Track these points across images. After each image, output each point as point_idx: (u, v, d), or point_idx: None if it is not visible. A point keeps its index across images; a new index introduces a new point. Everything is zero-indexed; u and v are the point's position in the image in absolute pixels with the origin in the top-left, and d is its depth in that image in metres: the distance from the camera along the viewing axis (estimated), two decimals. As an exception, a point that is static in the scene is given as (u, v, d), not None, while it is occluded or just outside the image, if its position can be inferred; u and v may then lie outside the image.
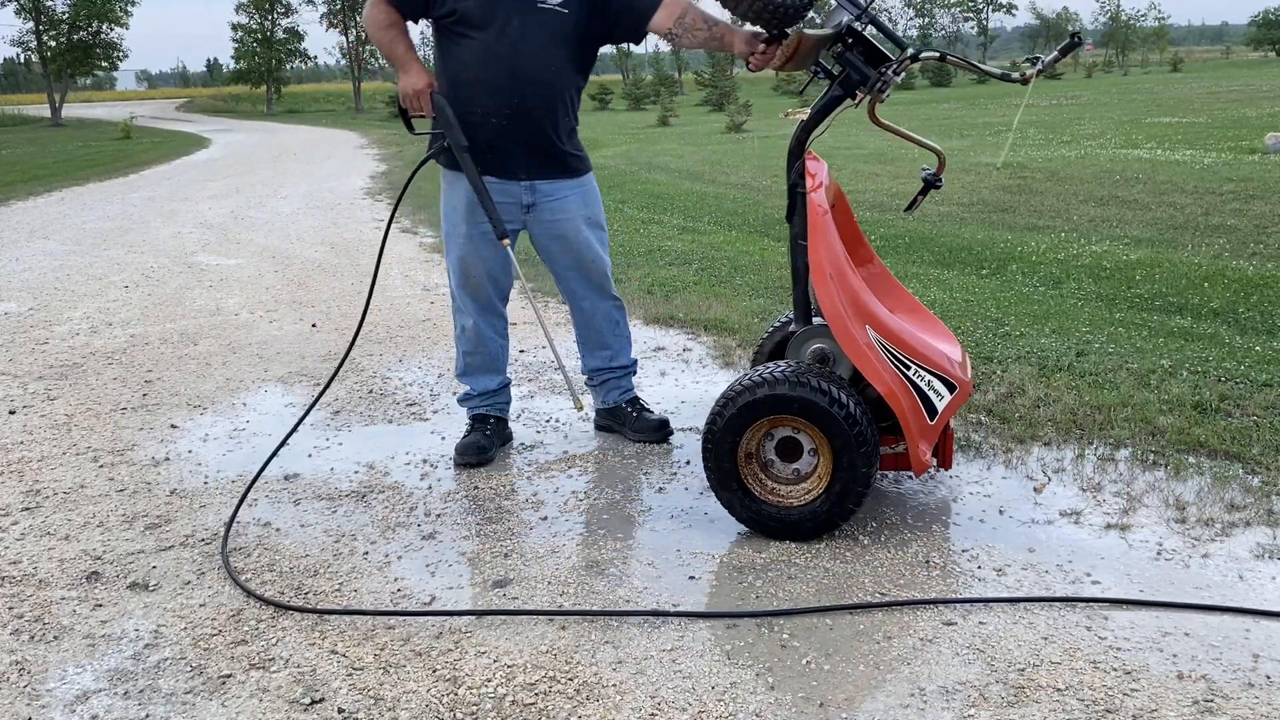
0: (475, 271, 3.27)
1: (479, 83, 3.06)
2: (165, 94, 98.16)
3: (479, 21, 3.02)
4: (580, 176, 3.30)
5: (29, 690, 2.15)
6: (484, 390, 3.47)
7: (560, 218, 3.27)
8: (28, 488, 3.25)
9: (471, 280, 3.29)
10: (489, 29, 3.02)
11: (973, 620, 2.29)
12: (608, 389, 3.55)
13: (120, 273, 6.99)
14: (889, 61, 2.67)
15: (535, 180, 3.20)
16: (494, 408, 3.49)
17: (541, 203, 3.24)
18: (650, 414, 3.54)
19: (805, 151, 2.80)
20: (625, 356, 3.54)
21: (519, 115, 3.07)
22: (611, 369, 3.52)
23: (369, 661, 2.21)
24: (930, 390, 2.66)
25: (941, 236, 7.16)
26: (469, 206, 3.19)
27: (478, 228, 3.20)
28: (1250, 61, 60.79)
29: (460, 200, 3.21)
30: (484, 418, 3.47)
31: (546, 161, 3.18)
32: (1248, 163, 10.43)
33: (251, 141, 23.63)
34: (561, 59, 3.11)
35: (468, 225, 3.22)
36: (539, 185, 3.21)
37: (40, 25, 38.85)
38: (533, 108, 3.08)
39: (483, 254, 3.24)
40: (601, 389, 3.56)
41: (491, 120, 3.08)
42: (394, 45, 3.12)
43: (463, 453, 3.35)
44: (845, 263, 2.64)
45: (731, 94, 30.54)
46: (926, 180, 2.89)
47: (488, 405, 3.48)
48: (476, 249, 3.23)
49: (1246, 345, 4.23)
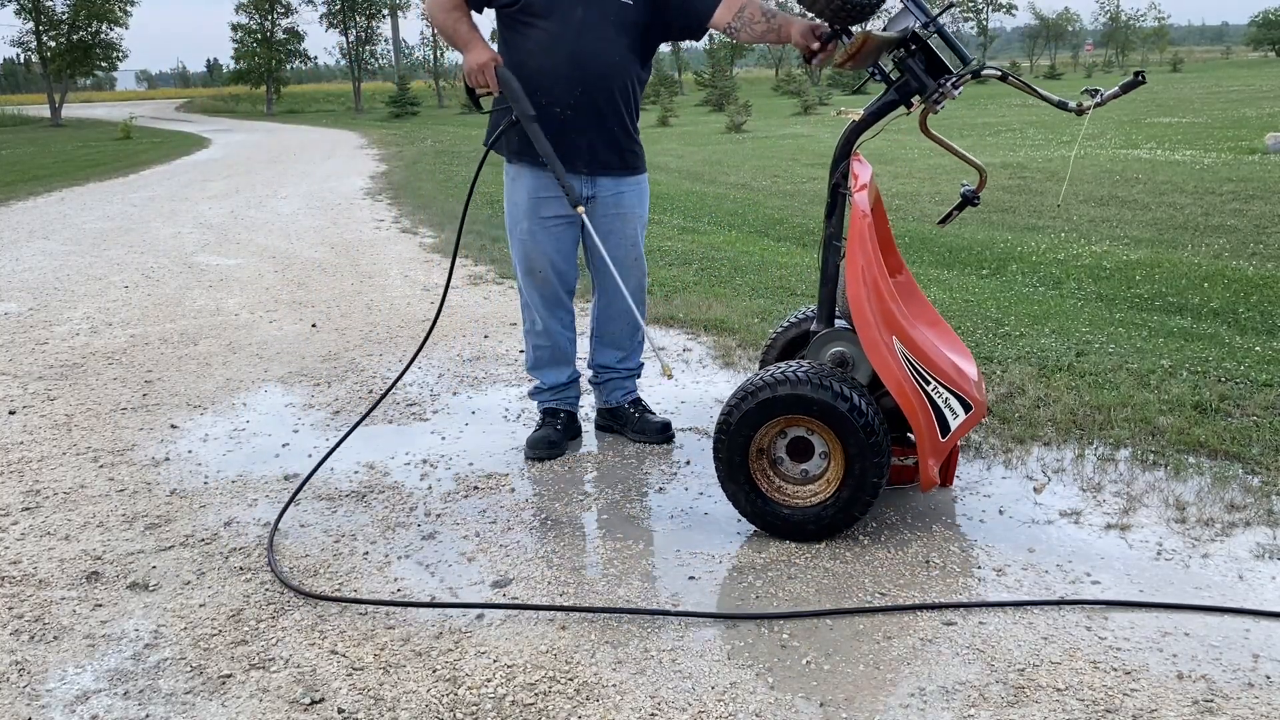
0: (539, 265, 3.28)
1: (544, 72, 3.06)
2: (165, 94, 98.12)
3: (543, 10, 3.03)
4: (638, 174, 3.30)
5: (29, 690, 2.15)
6: (554, 384, 3.48)
7: (614, 213, 3.27)
8: (28, 488, 3.25)
9: (537, 275, 3.30)
10: (553, 18, 3.03)
11: (972, 620, 2.29)
12: (611, 388, 3.54)
13: (120, 273, 6.99)
14: (949, 74, 2.64)
15: (597, 175, 3.20)
16: (564, 402, 3.51)
17: (601, 195, 3.23)
18: (653, 416, 3.54)
19: (853, 153, 2.78)
20: (634, 360, 3.55)
21: (583, 106, 3.07)
22: (618, 369, 3.52)
23: (369, 661, 2.21)
24: (946, 408, 2.66)
25: (941, 236, 7.16)
26: (531, 202, 3.20)
27: (540, 222, 3.21)
28: (1250, 61, 60.78)
29: (522, 196, 3.22)
30: (555, 412, 3.48)
31: (609, 154, 3.18)
32: (1248, 163, 10.43)
33: (251, 142, 23.63)
34: (625, 50, 3.12)
35: (530, 220, 3.22)
36: (599, 180, 3.21)
37: (40, 25, 38.82)
38: (597, 98, 3.09)
39: (546, 248, 3.25)
40: (605, 388, 3.55)
41: (555, 110, 3.08)
42: (457, 26, 3.11)
43: (534, 446, 3.37)
44: (880, 269, 2.63)
45: (731, 94, 30.54)
46: (965, 196, 2.87)
47: (558, 399, 3.50)
48: (540, 244, 3.24)
49: (1246, 345, 4.23)
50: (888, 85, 2.76)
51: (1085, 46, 79.62)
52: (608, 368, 3.52)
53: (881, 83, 2.80)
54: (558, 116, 3.08)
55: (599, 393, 3.59)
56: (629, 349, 3.51)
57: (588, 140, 3.13)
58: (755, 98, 32.34)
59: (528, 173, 3.20)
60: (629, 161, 3.25)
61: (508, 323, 5.12)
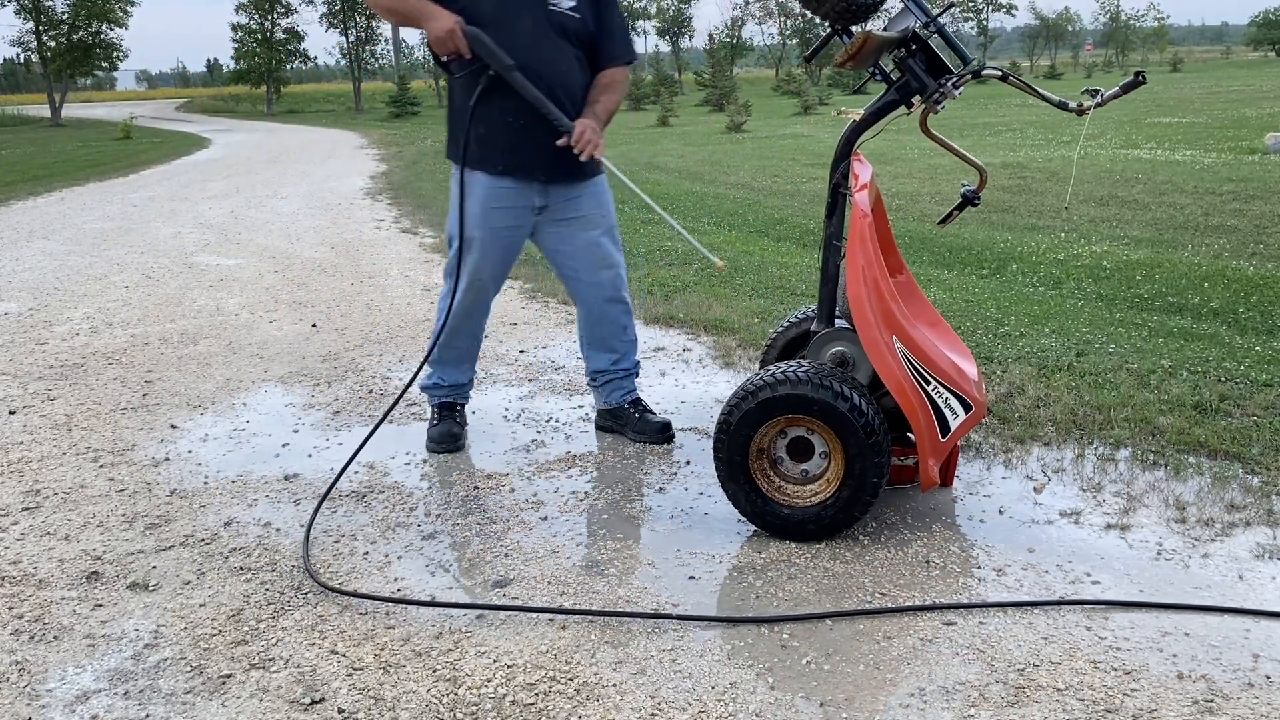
0: (483, 275, 3.29)
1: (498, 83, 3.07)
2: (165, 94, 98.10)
3: (490, 20, 3.04)
4: (593, 178, 3.32)
5: (29, 690, 2.15)
6: (455, 382, 3.54)
7: (571, 217, 3.28)
8: (28, 488, 3.25)
9: (478, 283, 3.31)
10: (500, 27, 3.04)
11: (972, 620, 2.29)
12: (610, 389, 3.55)
13: (120, 273, 6.99)
14: (950, 74, 2.64)
15: (551, 184, 3.22)
16: (461, 396, 3.58)
17: (554, 204, 3.25)
18: (653, 416, 3.54)
19: (853, 153, 2.78)
20: (630, 360, 3.55)
21: (536, 115, 3.08)
22: (615, 371, 3.53)
23: (369, 661, 2.21)
24: (946, 408, 2.66)
25: (941, 236, 7.16)
26: (484, 211, 3.21)
27: (492, 232, 3.22)
28: (1250, 61, 60.78)
29: (475, 205, 3.22)
30: (452, 406, 3.55)
31: (568, 163, 3.17)
32: (1248, 163, 10.43)
33: (251, 141, 23.63)
34: (574, 59, 3.15)
35: (482, 230, 3.23)
36: (551, 188, 3.23)
37: (40, 25, 38.82)
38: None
39: (493, 257, 3.27)
40: (604, 390, 3.56)
41: (509, 118, 3.10)
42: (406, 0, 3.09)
43: (439, 441, 3.44)
44: (880, 269, 2.64)
45: (731, 94, 30.54)
46: (965, 196, 2.87)
47: (456, 395, 3.56)
48: (488, 253, 3.26)
49: (1246, 345, 4.23)
50: (888, 85, 2.75)
51: (1085, 46, 79.62)
52: (603, 371, 3.53)
53: (882, 83, 2.80)
54: (513, 125, 3.10)
55: (598, 394, 3.60)
56: (621, 350, 3.51)
57: (543, 148, 3.12)
58: (755, 98, 32.35)
59: (481, 180, 3.20)
60: (585, 167, 3.25)
61: (507, 323, 5.12)
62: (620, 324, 3.47)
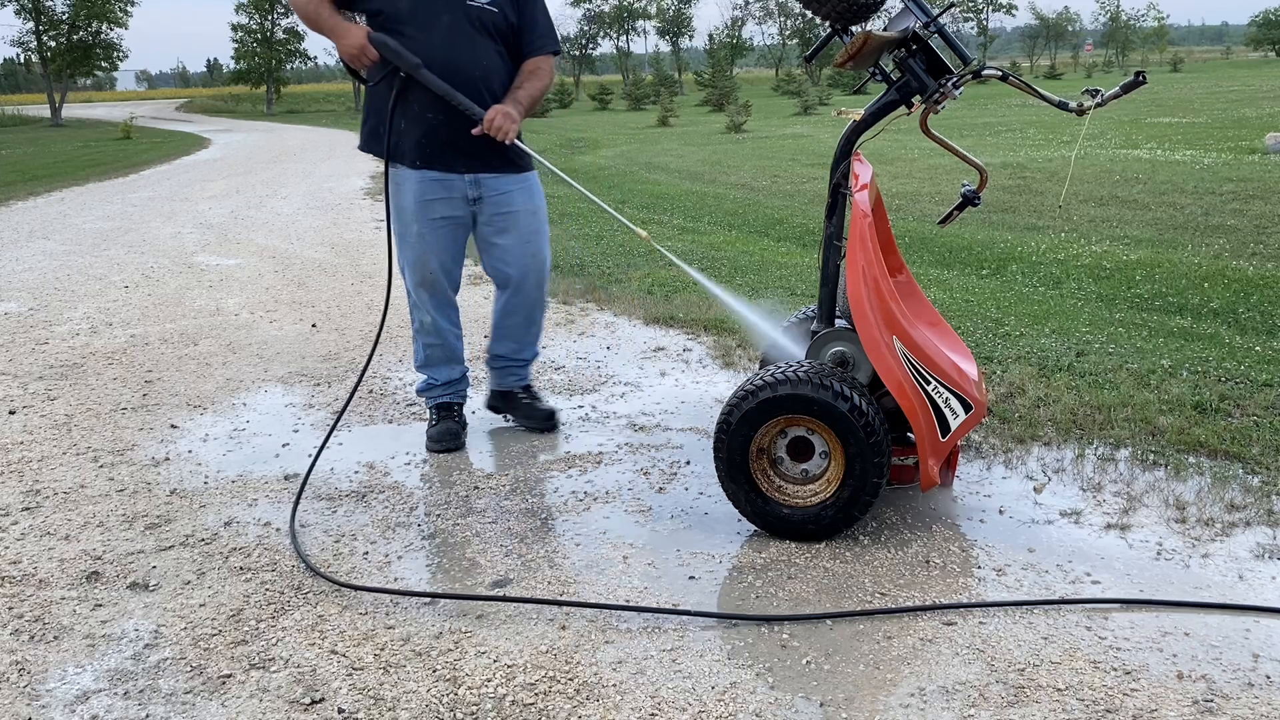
0: (430, 267, 3.34)
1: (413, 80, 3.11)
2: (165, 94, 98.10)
3: (408, 18, 3.11)
4: (523, 173, 3.35)
5: (29, 690, 2.15)
6: (447, 380, 3.56)
7: (503, 212, 3.32)
8: (28, 488, 3.25)
9: (428, 277, 3.36)
10: (418, 24, 3.10)
11: (972, 620, 2.29)
12: (505, 374, 3.63)
13: (120, 273, 6.99)
14: (950, 74, 2.64)
15: (480, 174, 3.26)
16: (456, 395, 3.60)
17: (487, 196, 3.29)
18: (541, 403, 3.63)
19: (853, 153, 2.79)
20: (530, 350, 3.62)
21: (454, 110, 3.11)
22: (515, 360, 3.60)
23: (369, 661, 2.21)
24: (946, 408, 2.66)
25: (941, 236, 7.16)
26: (418, 204, 3.26)
27: (430, 224, 3.27)
28: (1250, 61, 60.78)
29: (409, 200, 3.27)
30: (449, 405, 3.57)
31: (486, 155, 3.22)
32: (1248, 163, 10.43)
33: (251, 141, 23.63)
34: (493, 55, 3.20)
35: (419, 223, 3.28)
36: (482, 179, 3.27)
37: (40, 25, 38.84)
38: (471, 100, 3.12)
39: (435, 248, 3.31)
40: (500, 373, 3.64)
41: (428, 115, 3.15)
42: (319, 12, 3.17)
43: (439, 440, 3.46)
44: (880, 269, 2.64)
45: (731, 94, 30.55)
46: (966, 196, 2.87)
47: (451, 394, 3.58)
48: (429, 245, 3.30)
49: (1246, 345, 4.23)
50: (888, 85, 2.75)
51: (1085, 46, 79.59)
52: (502, 357, 3.60)
53: (882, 83, 2.80)
54: (431, 121, 3.15)
55: (493, 376, 3.67)
56: (523, 341, 3.58)
57: (465, 142, 3.15)
58: (755, 98, 32.34)
59: (412, 176, 3.24)
60: (511, 160, 3.28)
61: (508, 323, 5.12)
62: (533, 318, 3.54)
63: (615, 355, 4.51)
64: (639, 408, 3.81)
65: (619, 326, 5.01)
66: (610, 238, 7.49)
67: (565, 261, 6.59)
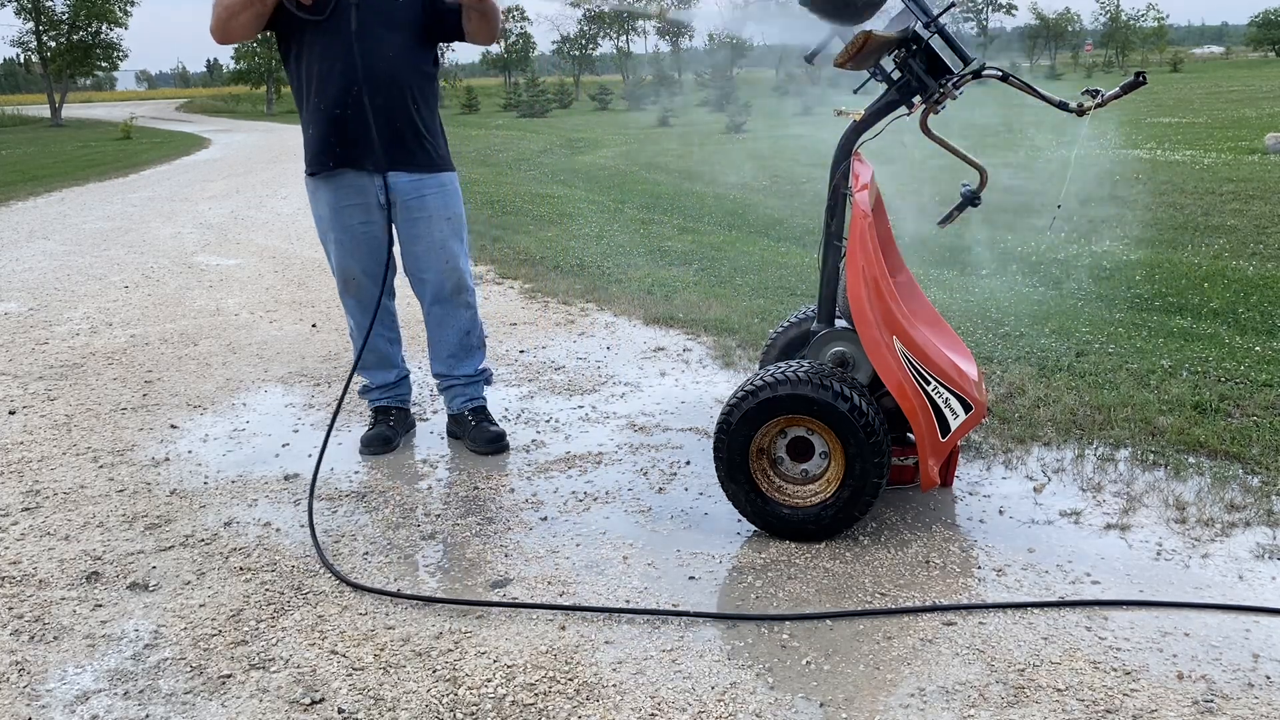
0: (353, 274, 3.32)
1: (322, 75, 3.08)
2: (165, 94, 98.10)
3: (314, 10, 3.04)
4: (439, 173, 3.28)
5: (29, 690, 2.15)
6: (383, 383, 3.54)
7: (417, 215, 3.26)
8: (28, 488, 3.25)
9: (352, 282, 3.34)
10: (326, 18, 3.04)
11: (972, 620, 2.29)
12: (452, 395, 3.52)
13: (120, 273, 6.99)
14: (950, 74, 2.63)
15: (390, 172, 3.18)
16: (395, 399, 3.58)
17: (401, 198, 3.23)
18: (490, 426, 3.48)
19: (853, 153, 2.78)
20: (470, 366, 3.49)
21: (363, 104, 3.08)
22: (454, 377, 3.49)
23: (369, 661, 2.21)
24: (946, 408, 2.66)
25: (941, 236, 7.15)
26: (333, 211, 3.24)
27: (347, 230, 3.25)
28: (1250, 61, 60.76)
29: (324, 208, 3.25)
30: (386, 409, 3.56)
31: (397, 151, 3.16)
32: (1248, 163, 10.43)
33: (251, 142, 23.63)
34: (401, 48, 3.13)
35: (336, 230, 3.26)
36: (394, 180, 3.19)
37: (40, 25, 38.83)
38: (376, 96, 3.09)
39: (355, 253, 3.29)
40: (447, 394, 3.54)
41: (336, 110, 3.10)
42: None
43: (369, 444, 3.45)
44: (880, 269, 2.64)
45: (731, 94, 30.53)
46: (965, 196, 2.86)
47: (388, 398, 3.56)
48: (348, 250, 3.28)
49: (1246, 345, 4.23)
50: (889, 85, 2.75)
51: (1085, 46, 79.55)
52: (443, 375, 3.51)
53: (882, 83, 2.80)
54: (340, 116, 3.10)
55: (445, 399, 3.58)
56: (461, 355, 3.46)
57: (372, 138, 3.12)
58: (755, 98, 32.33)
59: (324, 185, 3.22)
60: (424, 160, 3.22)
61: (507, 322, 5.12)
62: (461, 327, 3.43)
63: (615, 355, 4.51)
64: (639, 408, 3.81)
65: (619, 326, 5.01)
66: (610, 237, 7.49)
67: (565, 261, 6.59)
